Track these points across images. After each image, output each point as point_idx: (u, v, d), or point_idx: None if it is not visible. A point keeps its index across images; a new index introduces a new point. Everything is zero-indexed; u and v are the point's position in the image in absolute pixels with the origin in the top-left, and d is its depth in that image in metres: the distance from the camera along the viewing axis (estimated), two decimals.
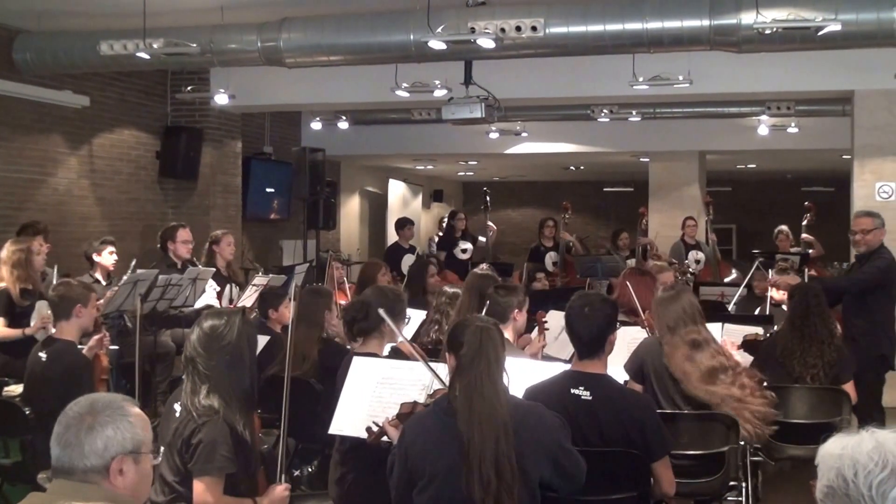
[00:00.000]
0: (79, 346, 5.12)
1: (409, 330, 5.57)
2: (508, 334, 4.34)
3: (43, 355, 4.97)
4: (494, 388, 3.10)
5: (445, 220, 13.04)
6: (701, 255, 10.47)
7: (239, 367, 3.41)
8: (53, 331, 5.14)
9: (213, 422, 3.27)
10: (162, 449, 2.46)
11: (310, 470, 6.01)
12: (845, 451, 1.91)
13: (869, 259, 6.38)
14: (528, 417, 3.14)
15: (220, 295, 7.49)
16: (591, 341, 3.72)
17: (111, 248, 7.30)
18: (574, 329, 3.75)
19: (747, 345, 5.58)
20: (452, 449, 3.06)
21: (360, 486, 3.94)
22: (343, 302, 6.37)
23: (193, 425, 3.28)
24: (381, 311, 4.14)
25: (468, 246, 11.03)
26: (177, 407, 3.41)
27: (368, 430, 3.45)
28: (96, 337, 5.29)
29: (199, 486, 3.25)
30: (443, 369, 3.59)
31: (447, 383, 3.41)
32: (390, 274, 10.09)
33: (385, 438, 3.46)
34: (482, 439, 3.02)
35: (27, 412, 4.94)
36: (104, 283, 7.18)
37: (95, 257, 7.28)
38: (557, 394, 3.72)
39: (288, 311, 5.62)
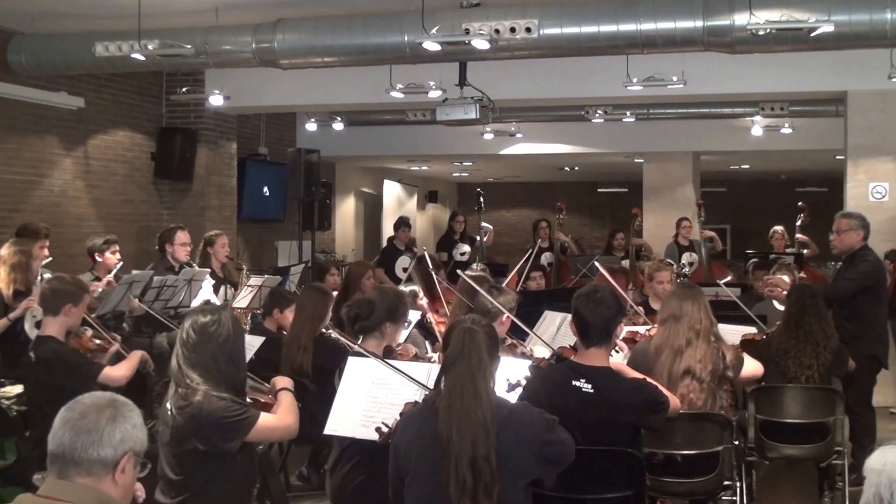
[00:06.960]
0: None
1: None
2: None
3: (31, 356, 4.91)
4: (475, 390, 3.10)
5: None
6: (695, 257, 10.48)
7: (236, 360, 3.51)
8: (39, 313, 5.06)
9: (203, 399, 3.35)
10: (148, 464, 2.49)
11: (303, 469, 6.04)
12: (885, 467, 1.88)
13: (852, 262, 6.38)
14: (511, 419, 3.14)
15: (215, 292, 7.49)
16: (600, 327, 3.75)
17: (114, 247, 7.29)
18: (583, 315, 3.75)
19: (745, 344, 5.59)
20: (434, 448, 3.08)
21: (357, 481, 3.94)
22: None
23: (194, 417, 3.33)
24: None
25: (466, 248, 11.04)
26: (168, 406, 3.43)
27: (378, 430, 3.46)
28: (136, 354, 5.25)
29: (259, 430, 3.44)
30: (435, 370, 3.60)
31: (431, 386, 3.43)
32: (384, 276, 10.17)
33: None
34: (460, 439, 3.03)
35: (14, 413, 4.94)
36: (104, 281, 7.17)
37: (98, 256, 7.25)
38: (557, 385, 3.74)
39: (292, 315, 5.64)
